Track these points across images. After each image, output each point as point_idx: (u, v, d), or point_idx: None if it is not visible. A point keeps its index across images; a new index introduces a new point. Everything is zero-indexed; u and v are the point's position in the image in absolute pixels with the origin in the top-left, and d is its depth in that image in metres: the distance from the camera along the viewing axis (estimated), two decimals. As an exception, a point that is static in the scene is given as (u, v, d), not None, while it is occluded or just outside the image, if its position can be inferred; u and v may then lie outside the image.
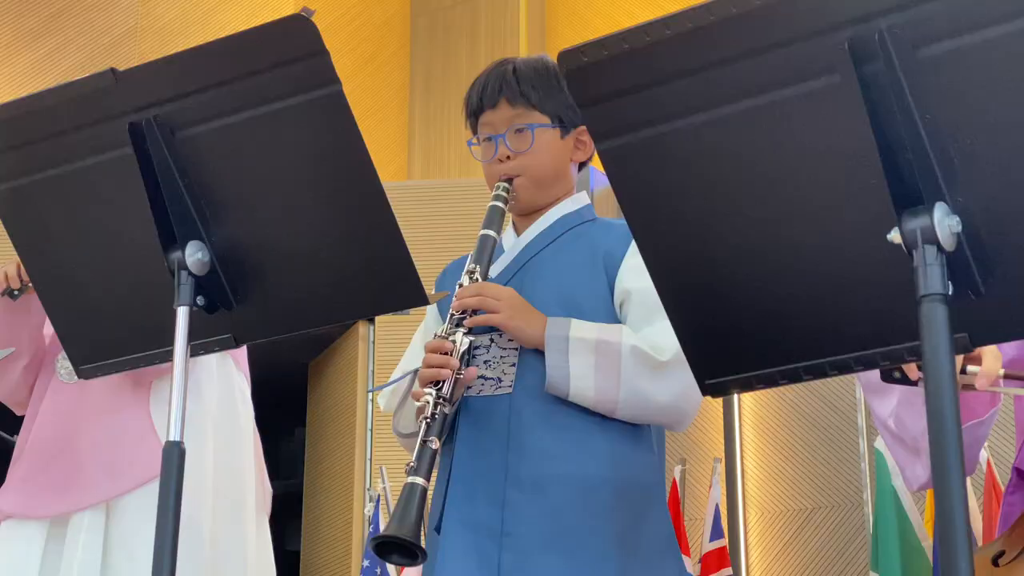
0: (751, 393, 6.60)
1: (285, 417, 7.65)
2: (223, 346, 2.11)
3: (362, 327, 6.93)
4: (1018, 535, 1.97)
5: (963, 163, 1.45)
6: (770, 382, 1.65)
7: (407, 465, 2.35)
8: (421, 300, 2.00)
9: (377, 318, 6.87)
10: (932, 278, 1.44)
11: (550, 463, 2.44)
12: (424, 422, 2.38)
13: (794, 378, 1.64)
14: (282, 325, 2.10)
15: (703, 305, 1.65)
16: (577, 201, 2.68)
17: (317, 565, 7.07)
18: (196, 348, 2.07)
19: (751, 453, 6.59)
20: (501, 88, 2.62)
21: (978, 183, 1.46)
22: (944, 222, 1.45)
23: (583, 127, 2.64)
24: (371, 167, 1.92)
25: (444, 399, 2.40)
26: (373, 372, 6.87)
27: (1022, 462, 2.30)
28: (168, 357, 2.13)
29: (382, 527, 6.10)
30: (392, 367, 6.73)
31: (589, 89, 1.59)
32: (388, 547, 2.31)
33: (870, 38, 1.43)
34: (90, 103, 2.02)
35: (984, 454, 5.13)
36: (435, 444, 2.36)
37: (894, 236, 1.47)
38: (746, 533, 6.47)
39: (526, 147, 2.60)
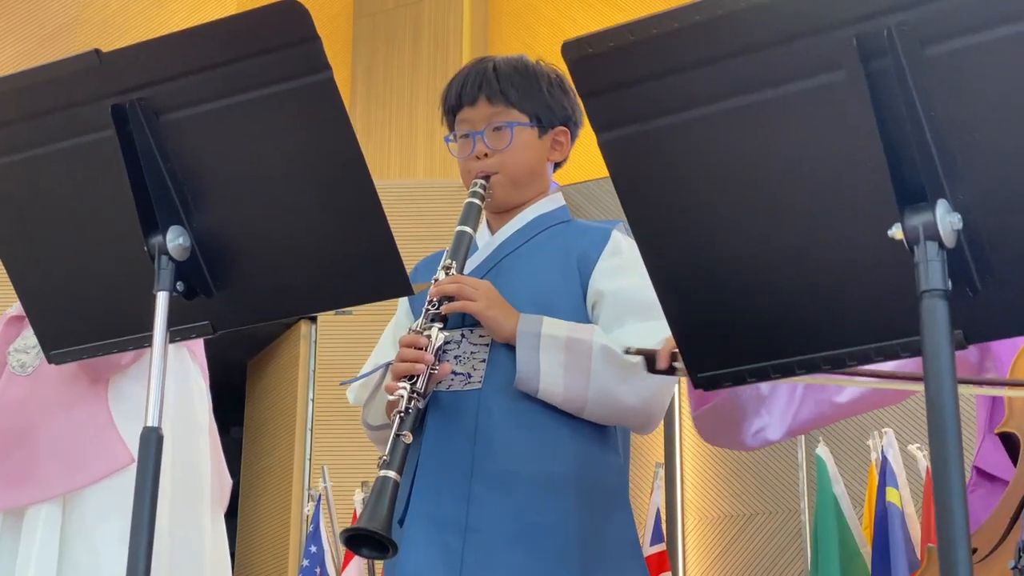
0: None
1: (222, 415, 7.58)
2: (201, 333, 2.08)
3: (304, 326, 6.90)
4: (991, 532, 2.00)
5: (965, 161, 1.47)
6: (762, 376, 1.66)
7: (380, 459, 2.35)
8: (406, 290, 2.00)
9: (320, 317, 6.85)
10: (933, 274, 1.45)
11: (517, 460, 2.45)
12: (398, 416, 2.38)
13: (787, 372, 1.65)
14: (261, 313, 2.08)
15: (698, 298, 1.66)
16: (553, 202, 2.70)
17: (251, 565, 7.02)
18: (173, 335, 2.05)
19: (691, 459, 6.63)
20: (481, 85, 2.62)
21: (979, 181, 1.48)
22: (946, 219, 1.47)
23: (561, 128, 2.67)
24: (360, 155, 1.91)
25: (418, 393, 2.40)
26: (314, 371, 6.84)
27: (982, 460, 2.34)
28: (143, 343, 2.11)
29: (322, 526, 6.10)
30: (334, 366, 6.76)
31: (592, 80, 1.59)
32: (358, 540, 2.30)
33: (878, 35, 1.45)
34: (73, 84, 1.99)
35: (924, 462, 5.19)
36: (408, 439, 2.35)
37: (896, 232, 1.48)
38: (684, 538, 6.50)
39: (504, 145, 2.61)
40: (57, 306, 2.14)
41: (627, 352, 2.13)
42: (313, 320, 6.90)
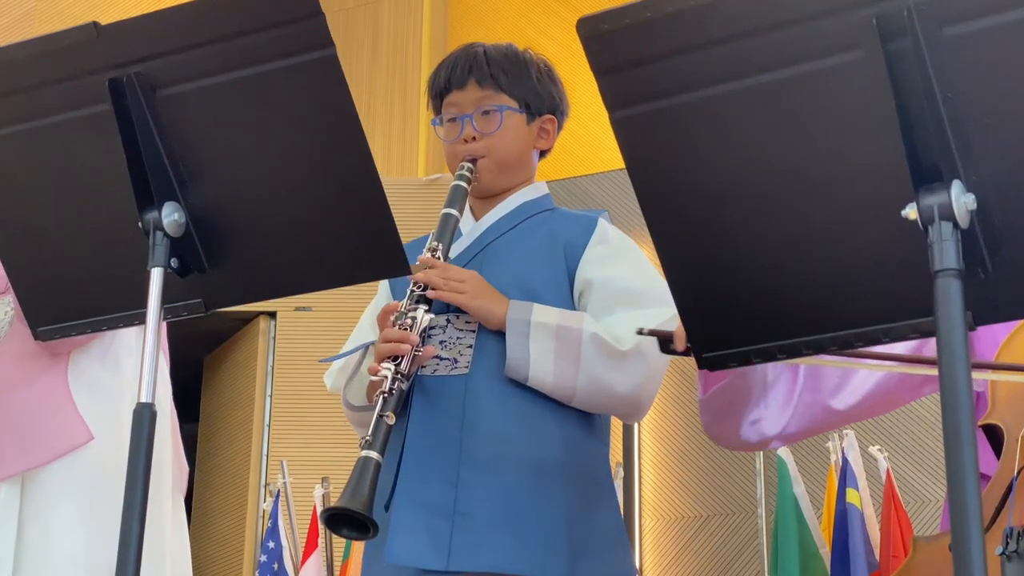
0: (651, 400, 6.65)
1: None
2: (192, 311, 2.07)
3: (263, 321, 6.87)
4: (979, 522, 2.01)
5: (980, 142, 1.48)
6: (768, 357, 1.67)
7: (362, 439, 2.34)
8: (403, 270, 1.99)
9: (279, 312, 6.82)
10: (948, 254, 1.46)
11: (505, 445, 2.44)
12: (381, 397, 2.37)
13: (793, 353, 1.66)
14: (255, 291, 2.07)
15: (706, 277, 1.66)
16: (537, 190, 2.70)
17: (207, 561, 6.97)
18: (165, 312, 2.02)
19: (649, 459, 6.65)
20: (471, 69, 2.62)
21: (993, 162, 1.49)
22: (961, 199, 1.48)
23: (548, 116, 2.68)
24: (361, 133, 1.90)
25: (402, 375, 2.39)
26: (273, 367, 6.81)
27: None
28: (134, 320, 2.09)
29: (281, 522, 6.06)
30: (293, 362, 6.70)
31: (607, 57, 1.59)
32: (338, 520, 2.29)
33: (898, 15, 1.46)
34: (69, 57, 1.97)
35: (884, 464, 5.23)
36: (391, 419, 2.35)
37: (910, 212, 1.49)
38: (642, 538, 6.52)
39: (493, 129, 2.61)
40: (46, 281, 2.12)
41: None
42: (272, 316, 6.87)
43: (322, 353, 2.89)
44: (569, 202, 6.81)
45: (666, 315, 2.48)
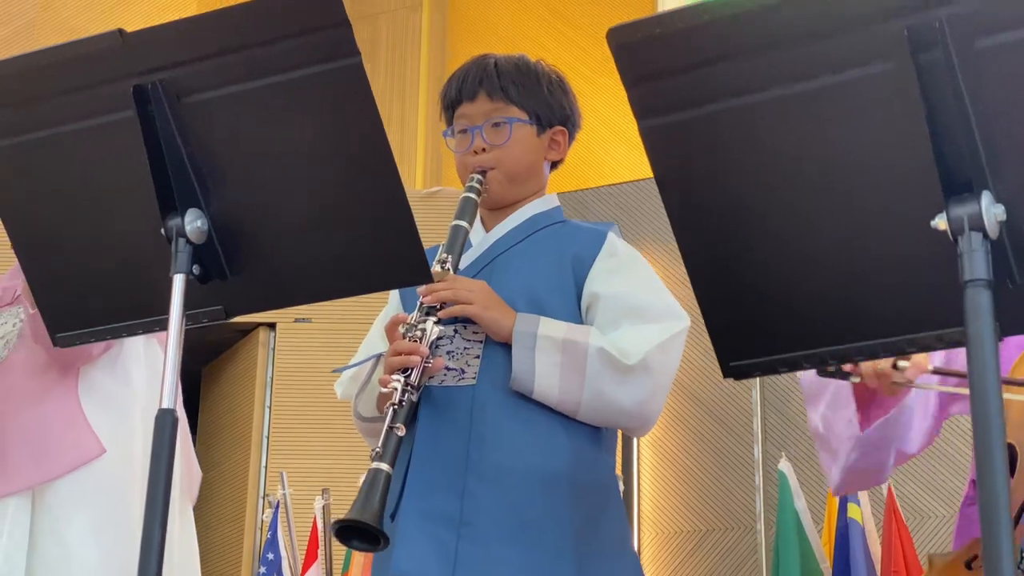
0: (650, 414, 6.65)
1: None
2: (213, 317, 2.07)
3: (262, 333, 6.86)
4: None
5: (1009, 153, 1.49)
6: (794, 366, 1.67)
7: (373, 451, 2.34)
8: (426, 278, 2.00)
9: (278, 324, 6.81)
10: (977, 264, 1.47)
11: (512, 455, 2.45)
12: (391, 408, 2.37)
13: (818, 363, 1.66)
14: (275, 298, 2.07)
15: (733, 286, 1.67)
16: (548, 202, 2.71)
17: (205, 572, 6.95)
18: (187, 318, 2.03)
19: (648, 473, 6.64)
20: (482, 81, 2.63)
21: (1022, 174, 1.50)
22: (991, 210, 1.49)
23: (559, 127, 2.68)
24: (385, 141, 1.91)
25: (412, 386, 2.39)
26: (272, 378, 6.80)
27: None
28: (154, 327, 2.09)
29: (280, 534, 6.05)
30: (292, 373, 6.68)
31: (638, 66, 1.60)
32: (348, 532, 2.29)
33: (930, 27, 1.46)
34: (94, 63, 1.97)
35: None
36: (401, 431, 2.35)
37: (939, 222, 1.50)
38: (640, 552, 6.51)
39: (502, 141, 2.62)
40: (66, 287, 2.12)
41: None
42: (271, 327, 6.87)
43: (321, 364, 2.90)
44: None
45: (673, 329, 2.49)
